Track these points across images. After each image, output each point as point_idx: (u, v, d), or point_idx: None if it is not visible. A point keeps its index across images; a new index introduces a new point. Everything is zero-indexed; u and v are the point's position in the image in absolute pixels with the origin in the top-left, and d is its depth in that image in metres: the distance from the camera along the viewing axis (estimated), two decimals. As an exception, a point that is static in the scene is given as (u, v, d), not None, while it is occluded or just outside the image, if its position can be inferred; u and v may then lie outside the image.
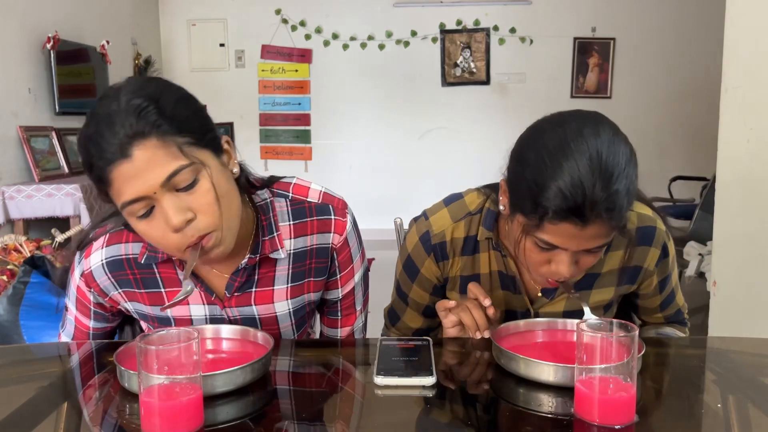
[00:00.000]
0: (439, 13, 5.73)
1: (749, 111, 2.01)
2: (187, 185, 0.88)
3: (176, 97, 0.91)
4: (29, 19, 3.90)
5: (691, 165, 5.39)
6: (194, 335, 0.76)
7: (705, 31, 5.34)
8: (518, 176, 0.97)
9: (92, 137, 0.87)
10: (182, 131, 0.88)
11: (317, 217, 1.08)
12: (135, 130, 0.85)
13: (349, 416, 0.83)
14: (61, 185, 3.59)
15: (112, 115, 0.85)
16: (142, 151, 0.85)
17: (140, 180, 0.86)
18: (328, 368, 1.00)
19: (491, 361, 0.96)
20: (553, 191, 0.90)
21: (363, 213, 6.36)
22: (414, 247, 1.18)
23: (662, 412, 0.83)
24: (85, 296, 1.10)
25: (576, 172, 0.89)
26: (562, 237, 0.93)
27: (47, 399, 0.89)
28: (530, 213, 0.93)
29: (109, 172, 0.86)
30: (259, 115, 5.91)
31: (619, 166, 0.90)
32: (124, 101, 0.86)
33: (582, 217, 0.89)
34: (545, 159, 0.92)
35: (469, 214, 1.15)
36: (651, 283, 1.17)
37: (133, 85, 0.89)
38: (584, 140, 0.90)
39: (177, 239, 0.90)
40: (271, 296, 1.08)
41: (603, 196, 0.89)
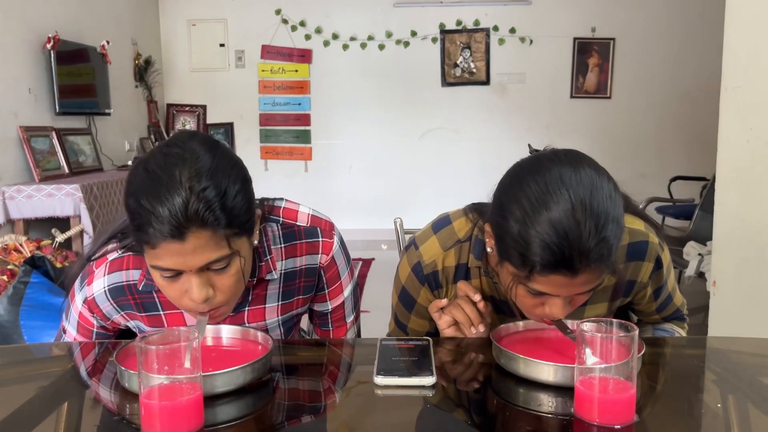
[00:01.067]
0: (439, 13, 5.73)
1: (749, 111, 2.01)
2: (219, 269, 0.93)
3: (237, 189, 0.92)
4: (29, 19, 3.90)
5: (691, 165, 5.39)
6: (194, 335, 0.76)
7: (705, 31, 5.34)
8: (502, 228, 0.94)
9: (151, 201, 0.86)
10: (234, 225, 0.91)
11: (306, 239, 1.13)
12: (197, 221, 0.86)
13: (349, 416, 0.83)
14: (61, 185, 3.59)
15: (178, 190, 0.86)
16: (195, 238, 0.87)
17: (182, 259, 0.89)
18: (328, 368, 1.00)
19: (491, 361, 0.96)
20: (539, 246, 0.87)
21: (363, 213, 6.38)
22: (407, 278, 1.18)
23: (662, 412, 0.83)
24: (87, 321, 1.13)
25: (561, 224, 0.86)
26: (553, 286, 0.91)
27: (47, 399, 0.89)
28: (519, 266, 0.91)
29: (158, 243, 0.87)
30: (259, 115, 5.91)
31: (605, 210, 0.87)
32: (196, 184, 0.87)
33: (571, 268, 0.87)
34: (527, 211, 0.89)
35: (459, 242, 1.15)
36: (645, 294, 1.17)
37: (205, 161, 0.90)
38: (565, 188, 0.88)
39: (190, 306, 0.95)
40: (263, 313, 1.14)
41: (591, 244, 0.86)
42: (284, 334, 1.18)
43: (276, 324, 1.16)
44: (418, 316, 1.21)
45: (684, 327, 1.27)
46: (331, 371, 1.00)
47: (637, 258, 1.11)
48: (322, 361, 1.03)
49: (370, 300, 1.29)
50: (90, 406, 0.87)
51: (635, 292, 1.16)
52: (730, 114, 2.08)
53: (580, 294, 0.95)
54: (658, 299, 1.20)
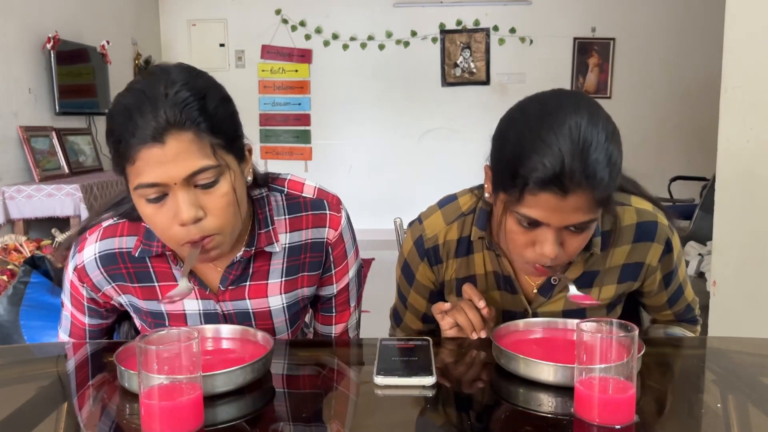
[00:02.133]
0: (439, 13, 5.73)
1: (749, 111, 2.01)
2: (207, 184, 0.89)
3: (220, 97, 0.91)
4: (29, 19, 3.90)
5: (691, 165, 5.39)
6: (194, 335, 0.76)
7: (705, 31, 5.34)
8: (499, 153, 0.97)
9: (130, 110, 0.86)
10: (218, 132, 0.89)
11: (312, 211, 1.08)
12: (176, 120, 0.85)
13: (349, 416, 0.83)
14: (61, 185, 3.59)
15: (158, 98, 0.85)
16: (176, 141, 0.85)
17: (165, 168, 0.86)
18: (328, 368, 1.00)
19: (491, 361, 0.96)
20: (532, 160, 0.89)
21: (363, 213, 6.39)
22: (409, 252, 1.18)
23: (662, 412, 0.83)
24: (78, 291, 1.10)
25: (555, 142, 0.89)
26: (544, 210, 0.92)
27: (47, 399, 0.89)
28: (510, 187, 0.93)
29: (137, 151, 0.85)
30: (259, 115, 5.91)
31: (598, 138, 0.90)
32: (172, 88, 0.86)
33: (561, 185, 0.88)
34: (525, 132, 0.92)
35: (462, 215, 1.15)
36: (655, 280, 1.15)
37: (184, 75, 0.89)
38: (564, 114, 0.91)
39: (180, 233, 0.90)
40: (265, 290, 1.08)
41: (582, 165, 0.88)
42: (290, 323, 1.14)
43: (280, 307, 1.10)
44: (416, 293, 1.21)
45: (696, 330, 1.25)
46: (331, 371, 1.00)
47: (645, 238, 1.10)
48: (322, 361, 1.03)
49: (370, 300, 1.29)
50: (90, 406, 0.87)
51: (644, 277, 1.14)
52: (730, 114, 2.08)
53: (572, 234, 0.95)
54: (668, 287, 1.17)
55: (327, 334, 1.21)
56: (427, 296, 1.21)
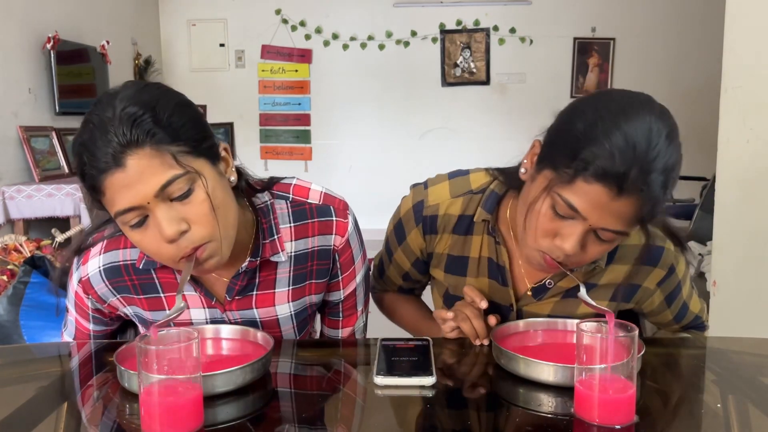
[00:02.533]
0: (439, 13, 5.72)
1: (749, 111, 2.01)
2: (182, 195, 0.86)
3: (173, 104, 0.88)
4: (29, 19, 3.90)
5: (691, 165, 5.36)
6: (194, 335, 0.76)
7: (705, 31, 5.34)
8: (566, 126, 0.90)
9: (86, 144, 0.85)
10: (177, 139, 0.86)
11: (318, 218, 1.06)
12: (129, 139, 0.83)
13: (349, 416, 0.83)
14: (61, 185, 3.59)
15: (106, 123, 0.83)
16: (135, 160, 0.83)
17: (133, 190, 0.84)
18: (328, 368, 1.00)
19: (491, 361, 0.96)
20: (601, 146, 0.84)
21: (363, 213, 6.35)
22: (406, 212, 1.16)
23: (662, 412, 0.83)
24: (83, 302, 1.10)
25: (632, 138, 0.84)
26: (589, 202, 0.86)
27: (47, 399, 0.89)
28: (565, 166, 0.87)
29: (102, 181, 0.84)
30: (259, 115, 5.90)
31: (670, 155, 0.86)
32: (119, 108, 0.84)
33: (621, 184, 0.84)
34: (604, 115, 0.86)
35: (470, 192, 1.11)
36: (653, 302, 1.13)
37: (129, 91, 0.87)
38: (651, 115, 0.86)
39: (171, 250, 0.88)
40: (273, 299, 1.07)
41: (647, 173, 0.84)
42: (297, 330, 1.12)
43: (288, 315, 1.09)
44: (403, 253, 1.19)
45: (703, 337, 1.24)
46: (331, 371, 1.00)
47: (648, 263, 1.07)
48: (322, 361, 1.03)
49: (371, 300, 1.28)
50: (90, 406, 0.87)
51: (637, 299, 1.12)
52: (730, 114, 2.08)
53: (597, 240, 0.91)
54: (671, 306, 1.15)
55: (334, 337, 1.21)
56: (412, 261, 1.19)
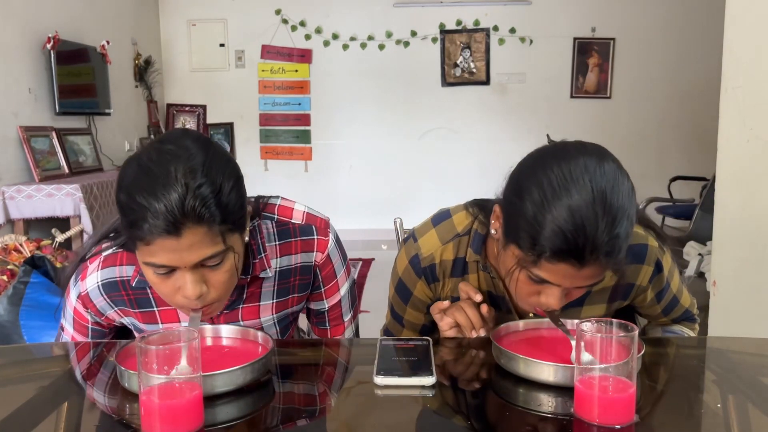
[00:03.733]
0: (439, 13, 5.73)
1: (749, 111, 2.01)
2: (213, 265, 0.93)
3: (231, 185, 0.92)
4: (29, 19, 3.90)
5: (691, 165, 5.39)
6: (194, 335, 0.76)
7: (705, 31, 5.34)
8: (516, 208, 0.93)
9: (147, 197, 0.86)
10: (228, 220, 0.91)
11: (301, 237, 1.13)
12: (193, 217, 0.87)
13: (349, 416, 0.83)
14: (61, 185, 3.59)
15: (175, 187, 0.86)
16: (192, 234, 0.87)
17: (178, 255, 0.89)
18: (328, 368, 1.00)
19: (491, 361, 0.96)
20: (553, 231, 0.87)
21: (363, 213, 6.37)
22: (404, 270, 1.18)
23: (662, 412, 0.83)
24: (82, 317, 1.13)
25: (579, 212, 0.86)
26: (557, 276, 0.91)
27: (47, 399, 0.89)
28: (527, 249, 0.91)
29: (153, 239, 0.87)
30: (259, 115, 5.90)
31: (623, 207, 0.88)
32: (194, 181, 0.87)
33: (581, 259, 0.87)
34: (547, 194, 0.89)
35: (458, 236, 1.15)
36: (646, 298, 1.16)
37: (200, 157, 0.90)
38: (589, 178, 0.87)
39: (183, 302, 0.95)
40: (258, 311, 1.13)
41: (604, 239, 0.86)
42: (280, 333, 1.18)
43: (271, 322, 1.15)
44: (414, 309, 1.21)
45: (695, 328, 1.26)
46: (331, 371, 1.00)
47: (635, 261, 1.11)
48: (322, 361, 1.03)
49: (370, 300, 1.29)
50: (90, 406, 0.87)
51: (634, 296, 1.16)
52: (730, 114, 2.08)
53: (579, 288, 0.95)
54: (661, 302, 1.19)
55: None
56: (424, 310, 1.21)
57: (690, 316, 1.26)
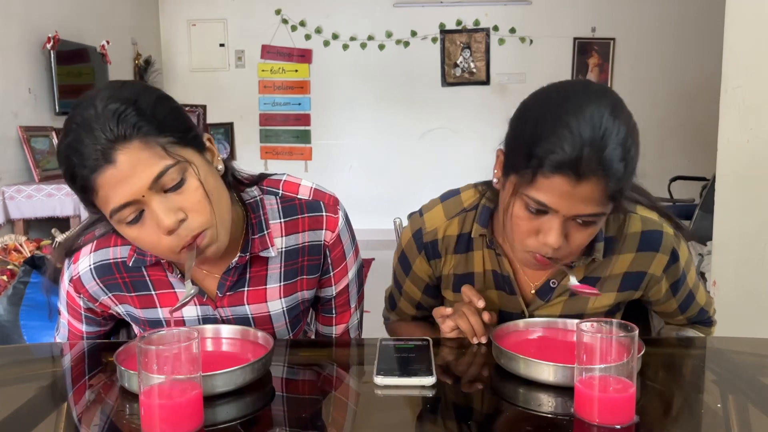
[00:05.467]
0: (439, 13, 5.73)
1: (749, 111, 2.01)
2: (175, 185, 0.87)
3: (154, 98, 0.89)
4: (29, 19, 3.90)
5: (691, 165, 5.39)
6: (194, 335, 0.76)
7: (705, 31, 5.34)
8: (517, 132, 0.96)
9: (72, 146, 0.84)
10: (164, 131, 0.87)
11: (308, 214, 1.06)
12: (116, 135, 0.83)
13: (349, 416, 0.83)
14: (61, 185, 3.58)
15: (91, 121, 0.84)
16: (125, 155, 0.83)
17: (127, 185, 0.84)
18: (328, 368, 1.00)
19: (491, 361, 0.96)
20: (550, 141, 0.88)
21: (363, 213, 6.41)
22: (407, 243, 1.18)
23: (662, 412, 0.83)
24: (75, 302, 1.10)
25: (576, 127, 0.88)
26: (554, 195, 0.90)
27: (47, 399, 0.89)
28: (524, 168, 0.91)
29: (94, 180, 0.84)
30: (259, 115, 5.90)
31: (618, 130, 0.89)
32: (101, 106, 0.84)
33: (576, 170, 0.87)
34: (546, 113, 0.91)
35: (464, 211, 1.14)
36: (660, 290, 1.12)
37: (108, 90, 0.88)
38: (588, 102, 0.90)
39: (170, 241, 0.89)
40: (264, 295, 1.07)
41: (599, 153, 0.87)
42: (290, 327, 1.12)
43: (280, 311, 1.09)
44: (412, 282, 1.21)
45: (710, 332, 1.23)
46: (331, 371, 1.00)
47: (649, 248, 1.08)
48: (322, 361, 1.03)
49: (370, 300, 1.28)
50: (90, 406, 0.87)
51: (646, 286, 1.12)
52: (730, 114, 2.08)
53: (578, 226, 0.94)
54: (677, 295, 1.15)
55: (328, 334, 1.21)
56: (422, 288, 1.21)
57: (705, 318, 1.22)
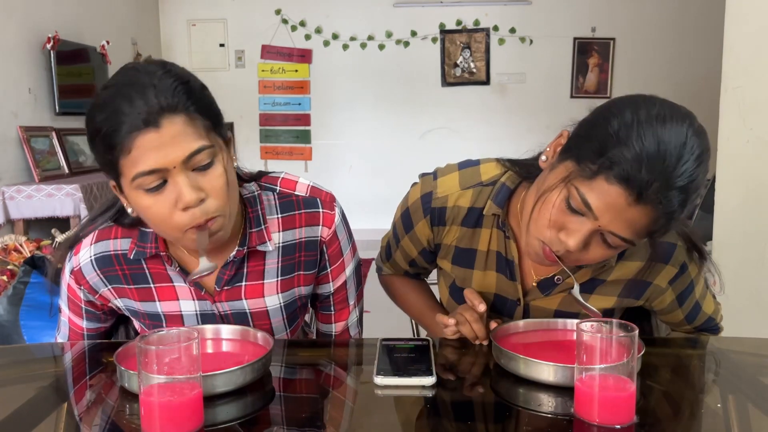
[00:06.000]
0: (439, 13, 5.72)
1: (749, 111, 2.01)
2: (203, 166, 0.90)
3: (200, 84, 0.94)
4: (29, 19, 3.90)
5: (691, 165, 5.38)
6: (194, 335, 0.76)
7: (705, 31, 5.34)
8: (600, 121, 0.89)
9: (116, 102, 0.86)
10: (206, 115, 0.91)
11: (305, 210, 1.08)
12: (168, 104, 0.86)
13: (349, 416, 0.83)
14: (61, 185, 3.58)
15: (145, 85, 0.86)
16: (171, 125, 0.86)
17: (162, 152, 0.86)
18: (328, 368, 1.00)
19: (491, 361, 0.96)
20: (631, 150, 0.83)
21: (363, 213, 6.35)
22: (414, 203, 1.15)
23: (662, 412, 0.83)
24: (75, 294, 1.10)
25: (667, 146, 0.83)
26: (604, 202, 0.85)
27: (47, 399, 0.89)
28: (590, 161, 0.86)
29: (132, 139, 0.85)
30: (259, 115, 5.90)
31: (700, 174, 0.85)
32: (157, 74, 0.88)
33: (639, 192, 0.83)
34: (642, 120, 0.85)
35: (480, 185, 1.10)
36: (664, 300, 1.11)
37: (161, 66, 0.91)
38: (690, 128, 0.85)
39: (182, 218, 0.90)
40: (261, 290, 1.08)
41: (671, 187, 0.83)
42: (288, 323, 1.12)
43: (278, 307, 1.09)
44: (410, 241, 1.19)
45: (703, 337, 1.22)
46: (331, 371, 1.00)
47: (660, 260, 1.06)
48: (321, 361, 1.03)
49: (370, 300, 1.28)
50: (90, 406, 0.87)
51: (648, 297, 1.10)
52: (730, 114, 2.08)
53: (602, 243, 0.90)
54: (683, 306, 1.12)
55: (327, 332, 1.21)
56: (419, 249, 1.19)
57: (713, 326, 1.20)
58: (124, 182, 0.90)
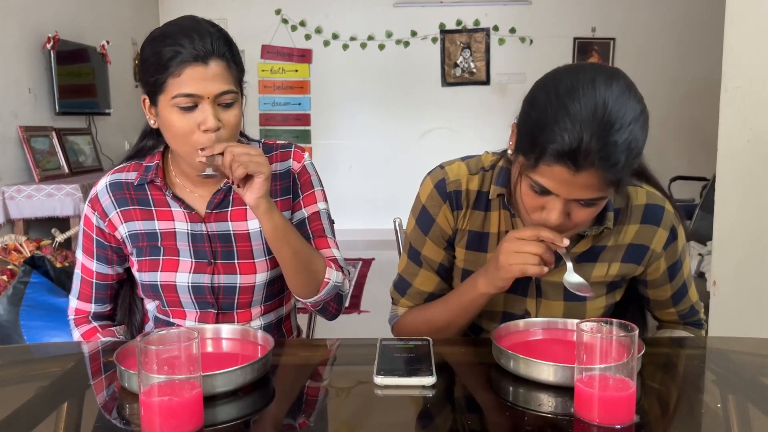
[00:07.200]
0: (439, 13, 5.72)
1: (749, 111, 2.01)
2: (227, 104, 1.12)
3: (238, 48, 1.16)
4: (29, 19, 3.90)
5: (691, 165, 5.38)
6: (194, 335, 0.76)
7: (705, 31, 5.34)
8: (525, 117, 0.98)
9: (180, 37, 1.08)
10: (239, 68, 1.14)
11: (281, 150, 1.30)
12: (217, 50, 1.10)
13: (349, 416, 0.83)
14: (61, 185, 3.59)
15: (203, 32, 1.10)
16: (216, 65, 1.09)
17: (203, 84, 1.08)
18: (328, 368, 1.01)
19: (491, 361, 0.97)
20: (552, 132, 0.90)
21: (363, 213, 6.35)
22: (429, 195, 1.18)
23: (662, 412, 0.83)
24: (90, 224, 1.25)
25: (578, 117, 0.89)
26: (554, 181, 0.93)
27: (47, 399, 0.89)
28: (528, 152, 0.94)
29: (183, 68, 1.07)
30: (259, 115, 5.90)
31: (623, 119, 0.90)
32: (214, 28, 1.13)
33: (575, 162, 0.89)
34: (552, 101, 0.93)
35: (483, 170, 1.17)
36: (659, 268, 1.16)
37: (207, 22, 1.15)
38: (594, 88, 0.91)
39: (199, 138, 1.09)
40: (245, 214, 1.24)
41: (599, 145, 0.89)
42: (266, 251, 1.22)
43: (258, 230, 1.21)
44: (433, 241, 1.18)
45: (701, 335, 1.25)
46: (331, 371, 1.00)
47: (652, 221, 1.12)
48: (322, 361, 1.03)
49: (370, 300, 1.28)
50: (90, 406, 0.87)
51: (647, 262, 1.15)
52: (730, 114, 2.08)
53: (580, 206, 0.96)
54: (672, 281, 1.17)
55: None
56: (443, 244, 1.18)
57: (697, 320, 1.24)
58: (164, 98, 1.10)
